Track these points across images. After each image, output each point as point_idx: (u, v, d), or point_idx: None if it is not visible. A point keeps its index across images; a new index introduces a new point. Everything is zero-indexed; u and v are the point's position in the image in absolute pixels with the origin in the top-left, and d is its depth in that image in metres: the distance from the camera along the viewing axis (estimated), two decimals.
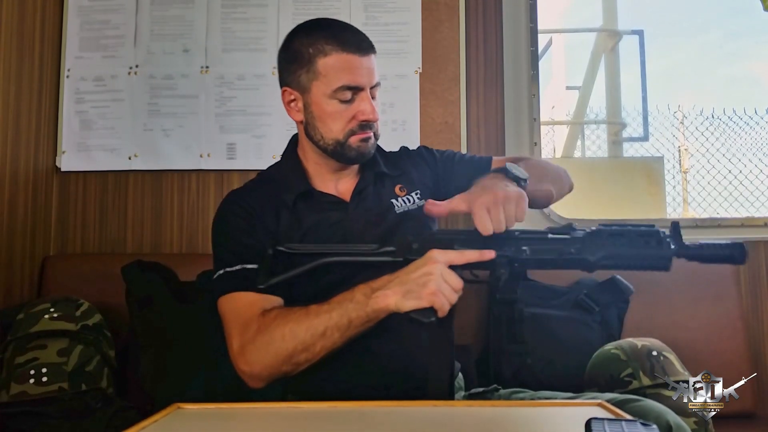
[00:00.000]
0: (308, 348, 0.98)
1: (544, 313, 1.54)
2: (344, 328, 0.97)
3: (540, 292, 1.57)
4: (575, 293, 1.57)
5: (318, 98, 1.10)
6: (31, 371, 1.31)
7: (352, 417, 0.81)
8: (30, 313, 1.39)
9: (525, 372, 1.47)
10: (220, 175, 1.85)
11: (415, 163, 1.25)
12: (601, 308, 1.55)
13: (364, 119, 1.09)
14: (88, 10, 1.87)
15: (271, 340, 0.99)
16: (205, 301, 1.42)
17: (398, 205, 1.17)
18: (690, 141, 3.47)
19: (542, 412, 0.85)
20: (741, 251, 0.90)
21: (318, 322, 0.97)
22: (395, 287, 0.94)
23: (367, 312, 0.95)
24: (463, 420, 0.78)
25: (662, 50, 4.92)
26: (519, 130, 1.87)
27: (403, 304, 0.92)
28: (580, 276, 1.60)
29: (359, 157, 1.13)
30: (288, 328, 0.98)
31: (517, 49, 1.89)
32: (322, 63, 1.08)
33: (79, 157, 1.84)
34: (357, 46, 1.09)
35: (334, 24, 1.14)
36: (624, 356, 1.32)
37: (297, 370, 1.01)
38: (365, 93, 1.09)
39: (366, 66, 1.09)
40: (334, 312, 0.97)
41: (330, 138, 1.11)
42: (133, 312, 1.54)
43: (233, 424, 0.80)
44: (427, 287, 0.91)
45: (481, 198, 0.94)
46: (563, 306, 1.56)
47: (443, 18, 1.88)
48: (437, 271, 0.91)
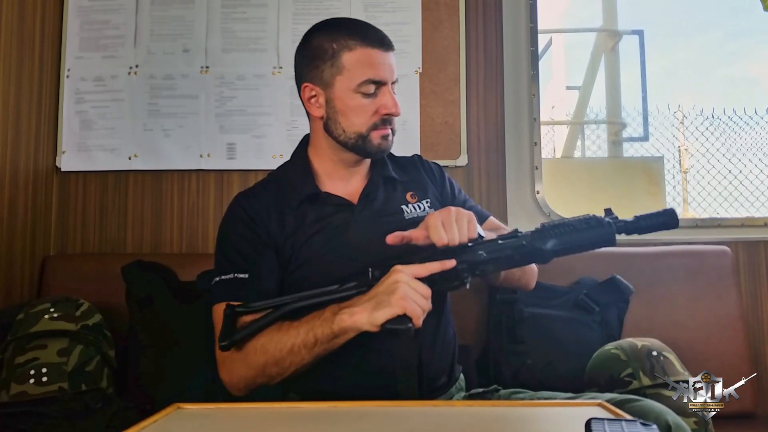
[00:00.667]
0: (278, 362, 1.00)
1: (544, 313, 1.54)
2: (311, 345, 0.97)
3: (540, 292, 1.57)
4: (575, 293, 1.57)
5: (341, 93, 1.10)
6: (31, 371, 1.31)
7: (352, 417, 0.81)
8: (30, 313, 1.39)
9: (525, 372, 1.47)
10: (220, 175, 1.85)
11: (429, 175, 1.26)
12: (601, 308, 1.55)
13: (386, 113, 1.10)
14: (88, 10, 1.87)
15: (246, 353, 1.01)
16: (204, 301, 1.42)
17: (408, 211, 1.17)
18: (690, 141, 3.47)
19: (542, 412, 0.85)
20: (673, 216, 0.98)
21: (287, 339, 0.99)
22: (364, 303, 0.94)
23: (333, 330, 0.95)
24: (463, 420, 0.78)
25: (662, 50, 4.92)
26: (519, 130, 1.87)
27: (376, 317, 0.92)
28: (580, 276, 1.60)
29: (379, 152, 1.14)
30: (260, 342, 1.00)
31: (517, 49, 1.89)
32: (347, 57, 1.09)
33: (79, 157, 1.84)
34: (380, 41, 1.10)
35: (356, 21, 1.15)
36: (624, 356, 1.32)
37: (273, 382, 1.03)
38: (387, 87, 1.10)
39: (388, 62, 1.11)
40: (302, 329, 0.98)
41: (352, 132, 1.11)
42: (133, 312, 1.54)
43: (233, 424, 0.80)
44: (395, 293, 0.92)
45: (434, 214, 0.98)
46: (563, 306, 1.56)
47: (443, 18, 1.88)
48: (403, 279, 0.93)
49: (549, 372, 1.47)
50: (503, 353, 1.50)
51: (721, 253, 1.66)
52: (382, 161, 1.21)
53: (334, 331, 0.95)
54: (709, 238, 1.79)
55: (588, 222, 0.96)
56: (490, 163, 1.85)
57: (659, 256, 1.66)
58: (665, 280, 1.61)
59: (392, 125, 1.13)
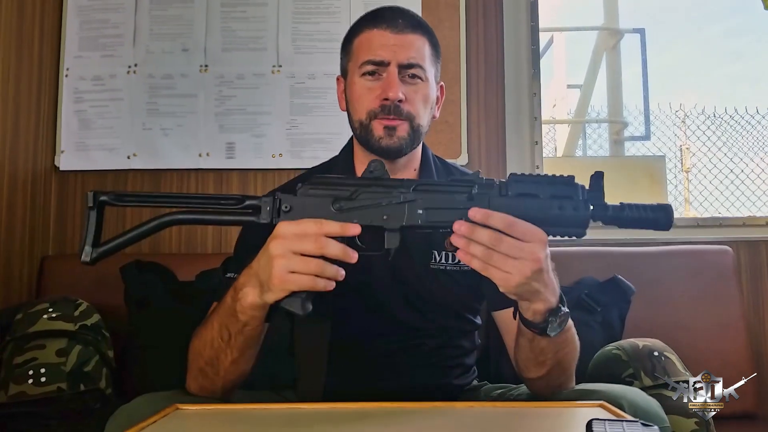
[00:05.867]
0: (210, 362, 0.88)
1: None
2: (226, 337, 0.85)
3: None
4: (576, 293, 1.56)
5: (351, 79, 1.03)
6: (30, 371, 1.30)
7: (353, 417, 0.81)
8: (28, 313, 1.39)
9: None
10: (219, 174, 1.84)
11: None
12: (603, 308, 1.54)
13: (384, 96, 0.97)
14: (87, 10, 1.87)
15: (189, 362, 0.92)
16: (203, 302, 1.42)
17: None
18: (692, 140, 3.46)
19: (543, 412, 0.84)
20: (666, 214, 0.78)
21: (206, 335, 0.88)
22: (253, 280, 0.79)
23: (239, 318, 0.82)
24: (464, 420, 0.78)
25: (664, 49, 4.91)
26: (520, 129, 1.86)
27: (265, 300, 0.78)
28: (582, 275, 1.60)
29: (383, 149, 0.99)
30: (194, 345, 0.91)
31: (517, 48, 1.88)
32: (356, 42, 1.03)
33: (77, 157, 1.83)
34: (390, 22, 1.00)
35: (384, 7, 1.05)
36: (625, 357, 1.31)
37: (224, 386, 0.90)
38: (391, 68, 0.98)
39: (397, 43, 0.98)
40: (215, 322, 0.86)
41: (356, 120, 1.01)
42: (132, 312, 1.53)
43: (232, 425, 0.80)
44: (271, 275, 0.75)
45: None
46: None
47: (443, 17, 1.87)
48: (280, 251, 0.75)
49: None
50: (503, 353, 1.50)
51: (723, 253, 1.66)
52: (428, 171, 1.07)
53: (241, 320, 0.82)
54: (711, 238, 1.78)
55: (562, 204, 0.77)
56: (490, 162, 1.85)
57: (660, 255, 1.65)
58: (666, 280, 1.61)
59: (405, 117, 0.98)
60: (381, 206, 0.79)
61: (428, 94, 1.02)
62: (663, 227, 0.79)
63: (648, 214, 0.79)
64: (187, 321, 1.48)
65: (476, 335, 1.17)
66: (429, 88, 1.02)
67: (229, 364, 0.87)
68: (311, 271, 0.75)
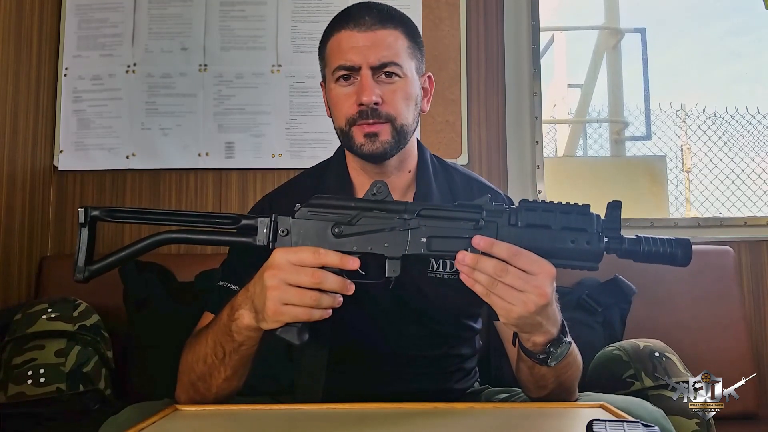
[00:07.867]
0: (202, 378, 0.86)
1: None
2: (221, 355, 0.83)
3: None
4: (577, 294, 1.56)
5: (328, 85, 0.99)
6: (29, 372, 1.30)
7: (352, 417, 0.80)
8: (27, 314, 1.39)
9: None
10: (218, 174, 1.84)
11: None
12: (604, 309, 1.53)
13: (359, 102, 0.93)
14: (85, 9, 1.86)
15: (180, 373, 0.91)
16: (202, 302, 1.41)
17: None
18: (692, 140, 3.45)
19: (544, 412, 0.84)
20: (684, 250, 0.76)
21: (199, 350, 0.86)
22: (249, 304, 0.78)
23: (234, 338, 0.80)
24: (464, 420, 0.78)
25: (664, 48, 4.91)
26: (520, 129, 1.86)
27: (260, 326, 0.77)
28: (582, 276, 1.59)
29: (366, 156, 0.95)
30: (185, 359, 0.89)
31: (518, 47, 1.88)
32: (328, 47, 0.98)
33: (76, 157, 1.83)
34: (357, 21, 0.94)
35: (353, 5, 0.99)
36: (626, 357, 1.31)
37: (215, 398, 0.88)
38: (364, 71, 0.93)
39: (367, 43, 0.93)
40: (209, 338, 0.84)
41: (337, 127, 0.98)
42: (131, 312, 1.53)
43: (231, 426, 0.79)
44: (266, 306, 0.73)
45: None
46: (565, 307, 1.53)
47: (444, 16, 1.86)
48: (274, 282, 0.72)
49: None
50: (504, 356, 1.49)
51: (724, 253, 1.65)
52: (425, 172, 1.02)
53: (236, 340, 0.80)
54: (712, 238, 1.78)
55: (576, 239, 0.74)
56: (491, 162, 1.84)
57: None
58: (667, 281, 1.61)
59: (386, 119, 0.93)
60: (382, 233, 0.76)
61: (409, 91, 0.96)
62: (681, 263, 0.76)
63: (665, 249, 0.76)
64: (186, 321, 1.49)
65: (476, 339, 1.16)
66: (409, 83, 0.96)
67: (221, 381, 0.86)
68: (307, 303, 0.73)
